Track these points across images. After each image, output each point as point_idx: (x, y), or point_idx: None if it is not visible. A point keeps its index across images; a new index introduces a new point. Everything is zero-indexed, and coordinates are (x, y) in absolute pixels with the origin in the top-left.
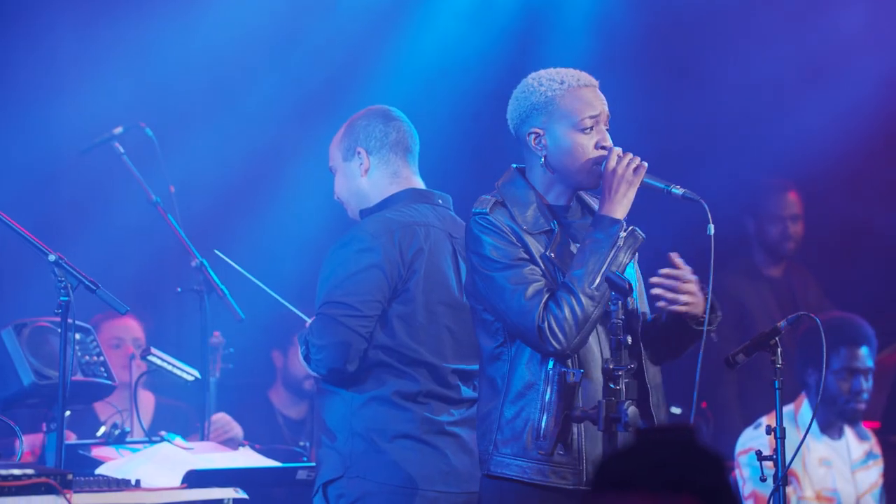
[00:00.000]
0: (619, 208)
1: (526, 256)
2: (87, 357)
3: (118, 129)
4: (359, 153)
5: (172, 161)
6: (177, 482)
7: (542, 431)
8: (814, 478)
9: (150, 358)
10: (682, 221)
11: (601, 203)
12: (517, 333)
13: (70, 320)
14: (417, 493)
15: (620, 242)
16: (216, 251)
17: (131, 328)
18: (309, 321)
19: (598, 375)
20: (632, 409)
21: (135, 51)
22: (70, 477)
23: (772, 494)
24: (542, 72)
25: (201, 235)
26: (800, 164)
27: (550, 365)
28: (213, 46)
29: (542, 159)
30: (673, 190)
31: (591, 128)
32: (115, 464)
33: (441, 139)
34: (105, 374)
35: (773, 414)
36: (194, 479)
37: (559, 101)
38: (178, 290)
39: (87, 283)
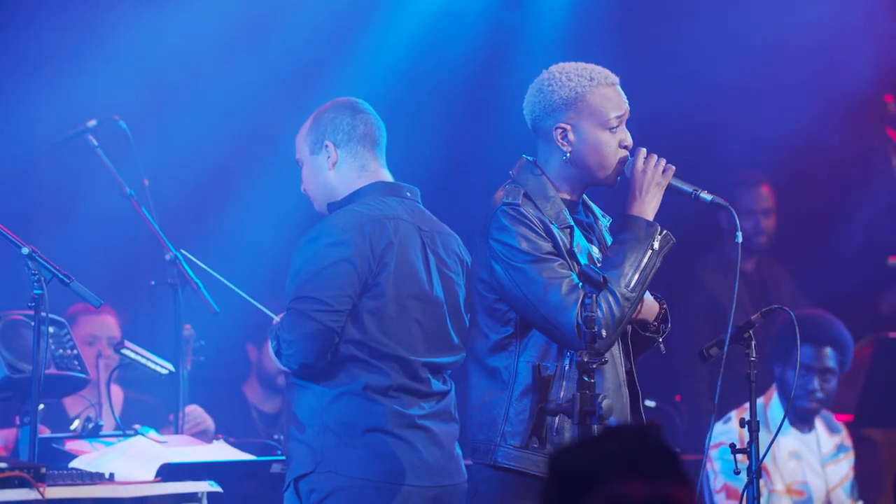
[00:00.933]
0: (650, 210)
1: (554, 251)
2: (61, 350)
3: (92, 122)
4: (326, 146)
5: (146, 154)
6: (151, 476)
7: (554, 427)
8: (784, 471)
9: (124, 351)
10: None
11: (630, 203)
12: (549, 327)
13: (44, 313)
14: (389, 488)
15: (656, 245)
16: (182, 251)
17: (108, 325)
18: (276, 318)
19: (617, 371)
20: (606, 403)
21: (109, 44)
22: (44, 471)
23: (745, 487)
24: (566, 66)
25: (175, 228)
26: (772, 159)
27: (566, 361)
28: (187, 39)
29: (567, 155)
30: (700, 195)
31: (617, 127)
32: (88, 457)
33: (414, 131)
34: (79, 368)
35: (744, 408)
36: (168, 472)
37: (589, 97)
38: (152, 283)
39: (60, 276)
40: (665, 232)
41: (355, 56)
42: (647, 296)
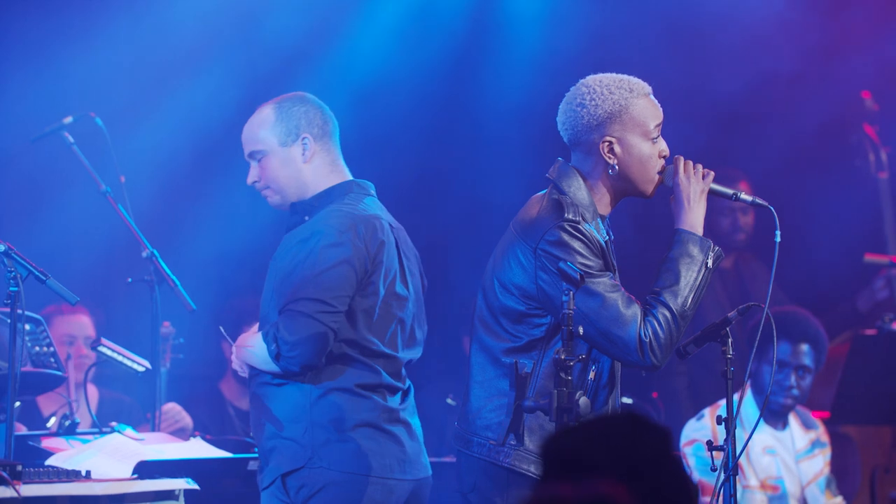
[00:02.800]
0: (700, 221)
1: (606, 267)
2: (38, 348)
3: (68, 119)
4: (304, 139)
5: (122, 151)
6: (128, 473)
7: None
8: (758, 466)
9: (101, 349)
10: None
11: (680, 216)
12: (606, 343)
13: (20, 311)
14: (377, 482)
15: (710, 263)
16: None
17: (84, 324)
18: (234, 345)
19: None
20: (583, 400)
21: (85, 40)
22: (19, 468)
23: (722, 484)
24: (603, 78)
25: (152, 225)
26: (751, 155)
27: (591, 365)
28: (162, 36)
29: (615, 168)
30: (741, 196)
31: (657, 137)
32: (65, 455)
33: (387, 131)
34: (55, 365)
35: (717, 405)
36: (145, 470)
37: (632, 109)
38: (129, 280)
39: (36, 273)
40: (717, 248)
41: (331, 54)
42: None
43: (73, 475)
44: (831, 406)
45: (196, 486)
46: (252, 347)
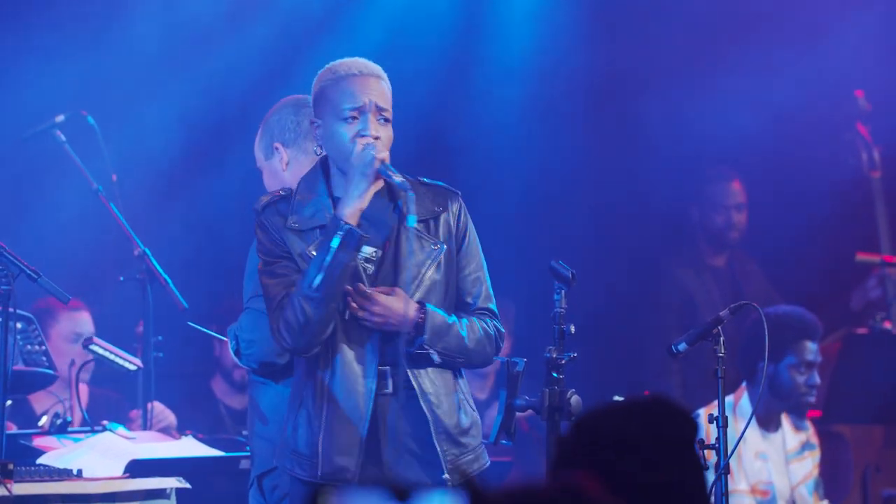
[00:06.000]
0: (350, 202)
1: (284, 254)
2: (30, 346)
3: (60, 117)
4: (277, 149)
5: (114, 149)
6: (119, 472)
7: (295, 424)
8: (749, 471)
9: (93, 347)
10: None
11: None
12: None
13: (11, 309)
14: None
15: (335, 244)
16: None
17: (87, 321)
18: (226, 339)
19: (350, 372)
20: (574, 399)
21: (77, 38)
22: (11, 467)
23: (713, 484)
24: (332, 62)
25: (143, 224)
26: (744, 153)
27: (302, 360)
28: (155, 35)
29: (318, 147)
30: (393, 178)
31: (355, 117)
32: (56, 453)
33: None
34: (46, 364)
35: (712, 405)
36: (137, 468)
37: (328, 91)
38: (121, 278)
39: (28, 271)
40: (348, 227)
41: (326, 51)
42: (397, 302)
43: (64, 474)
44: (823, 405)
45: (187, 485)
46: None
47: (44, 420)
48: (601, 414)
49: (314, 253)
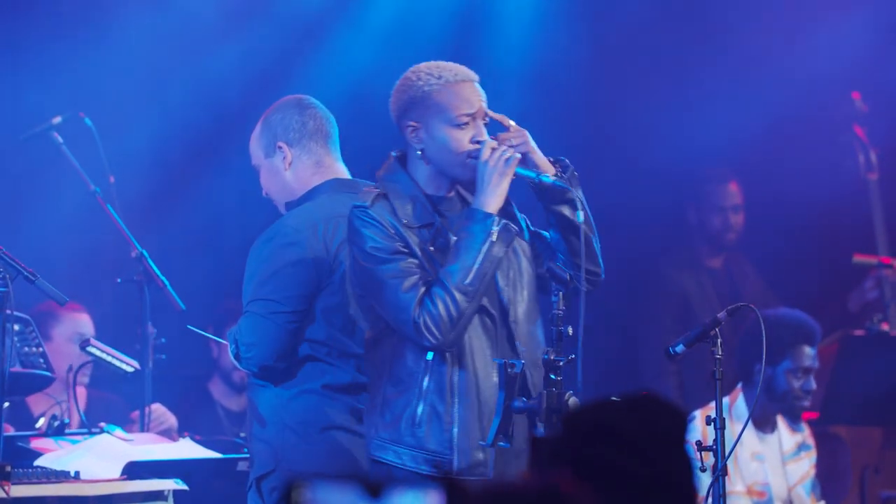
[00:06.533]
0: (492, 200)
1: (404, 250)
2: (27, 348)
3: (57, 119)
4: (280, 148)
5: (112, 151)
6: (117, 474)
7: (416, 419)
8: (745, 472)
9: (90, 349)
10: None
11: (476, 195)
12: (396, 326)
13: (8, 311)
14: None
15: (493, 237)
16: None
17: (87, 323)
18: (224, 342)
19: (480, 367)
20: (573, 400)
21: (74, 40)
22: (8, 469)
23: (711, 485)
24: (421, 65)
25: (141, 226)
26: (741, 154)
27: (430, 356)
28: (152, 36)
29: (420, 152)
30: (542, 177)
31: (467, 123)
32: (54, 455)
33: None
34: (44, 366)
35: (709, 406)
36: (134, 470)
37: (435, 95)
38: (118, 280)
39: (25, 273)
40: (504, 222)
41: (323, 52)
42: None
43: (62, 476)
44: (820, 406)
45: (185, 487)
46: None
47: (41, 422)
48: (590, 410)
49: (432, 248)
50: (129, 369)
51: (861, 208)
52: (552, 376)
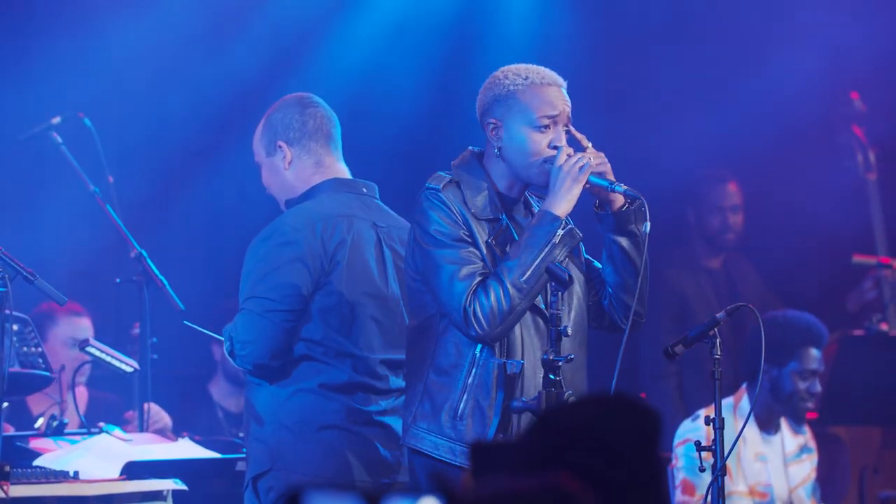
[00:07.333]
0: (562, 204)
1: (468, 239)
2: (26, 348)
3: (56, 119)
4: (280, 147)
5: (111, 151)
6: (116, 474)
7: (458, 412)
8: (748, 472)
9: (89, 349)
10: None
11: (546, 198)
12: (446, 311)
13: (8, 311)
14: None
15: (556, 239)
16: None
17: (86, 327)
18: (222, 338)
19: (528, 365)
20: (573, 401)
21: (73, 41)
22: (7, 469)
23: (710, 485)
24: (510, 66)
25: (140, 226)
26: (740, 155)
27: (478, 349)
28: (152, 37)
29: (498, 150)
30: (616, 187)
31: (548, 126)
32: (53, 455)
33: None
34: (43, 366)
35: (710, 407)
36: (133, 470)
37: (519, 95)
38: (117, 280)
39: (24, 273)
40: (570, 227)
41: (322, 52)
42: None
43: (61, 476)
44: (819, 407)
45: (184, 487)
46: None
47: (40, 422)
48: (564, 411)
49: (493, 243)
50: (129, 369)
51: (860, 208)
52: (551, 376)
